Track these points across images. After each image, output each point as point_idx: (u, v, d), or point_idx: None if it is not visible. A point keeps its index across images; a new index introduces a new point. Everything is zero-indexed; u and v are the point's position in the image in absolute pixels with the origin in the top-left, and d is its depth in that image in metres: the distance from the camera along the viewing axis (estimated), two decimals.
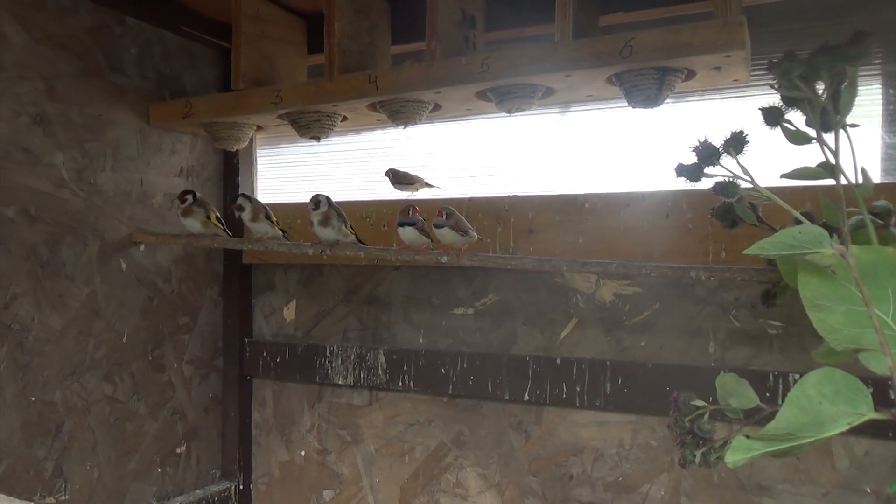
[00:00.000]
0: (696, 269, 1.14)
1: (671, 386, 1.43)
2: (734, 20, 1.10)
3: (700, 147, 0.74)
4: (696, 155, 0.75)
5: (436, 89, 1.36)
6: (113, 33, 1.59)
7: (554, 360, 1.53)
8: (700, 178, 0.75)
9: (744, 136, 0.74)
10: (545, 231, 1.54)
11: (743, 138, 0.73)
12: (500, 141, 1.67)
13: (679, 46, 1.13)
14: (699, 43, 1.12)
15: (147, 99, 1.67)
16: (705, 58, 1.14)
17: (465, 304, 1.67)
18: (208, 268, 1.87)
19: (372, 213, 1.72)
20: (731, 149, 0.73)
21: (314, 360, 1.81)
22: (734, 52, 1.11)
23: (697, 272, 1.13)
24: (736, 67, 1.20)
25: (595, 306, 1.53)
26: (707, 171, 0.75)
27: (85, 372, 1.55)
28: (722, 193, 0.77)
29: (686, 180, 0.76)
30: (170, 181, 1.74)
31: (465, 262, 1.36)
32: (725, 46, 1.10)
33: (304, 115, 1.54)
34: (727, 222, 0.95)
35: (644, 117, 1.50)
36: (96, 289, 1.57)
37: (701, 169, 0.74)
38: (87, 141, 1.54)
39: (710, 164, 0.74)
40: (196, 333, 1.83)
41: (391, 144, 1.80)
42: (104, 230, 1.58)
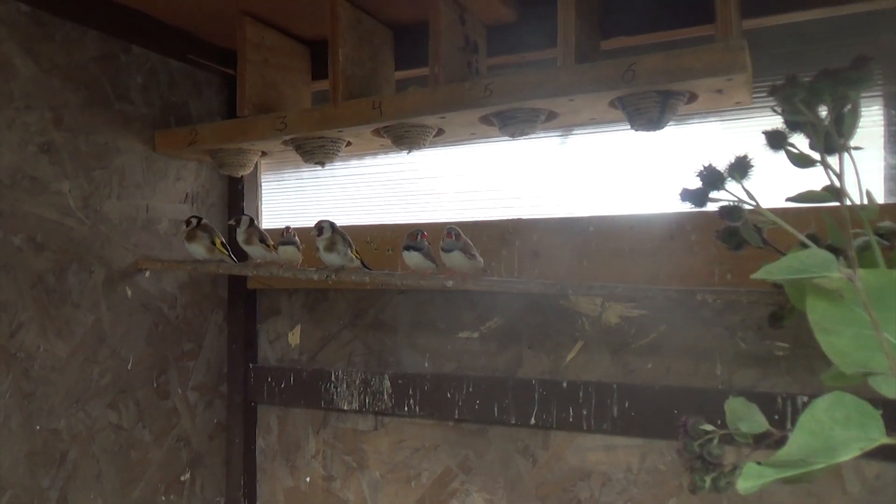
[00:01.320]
0: (702, 291, 1.14)
1: (679, 408, 1.42)
2: (735, 44, 1.12)
3: (704, 172, 0.74)
4: (700, 180, 0.75)
5: (439, 114, 1.37)
6: (119, 62, 1.61)
7: (560, 384, 1.52)
8: (705, 204, 0.76)
9: (748, 160, 0.74)
10: (550, 254, 1.54)
11: (747, 163, 0.74)
12: (504, 165, 1.68)
13: (681, 70, 1.14)
14: (701, 66, 1.13)
15: (153, 126, 1.69)
16: (707, 81, 1.15)
17: (471, 328, 1.67)
18: (213, 293, 1.88)
19: (376, 238, 1.73)
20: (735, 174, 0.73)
21: (319, 386, 1.81)
22: (736, 75, 1.12)
23: (704, 295, 1.13)
24: (738, 90, 1.21)
25: (601, 329, 1.53)
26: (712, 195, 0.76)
27: (90, 400, 1.54)
28: (727, 218, 0.77)
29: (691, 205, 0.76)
30: (175, 207, 1.75)
31: (470, 285, 1.36)
32: (727, 70, 1.11)
33: (308, 141, 1.55)
34: (732, 245, 0.96)
35: (646, 140, 1.51)
36: (102, 316, 1.57)
37: (706, 194, 0.74)
38: (93, 169, 1.55)
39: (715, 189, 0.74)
40: (201, 359, 1.83)
41: (395, 169, 1.81)
42: (110, 257, 1.59)
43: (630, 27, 1.43)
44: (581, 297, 1.54)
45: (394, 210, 1.80)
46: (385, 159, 1.82)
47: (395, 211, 1.80)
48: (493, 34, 1.56)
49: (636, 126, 1.26)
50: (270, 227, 1.96)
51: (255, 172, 1.92)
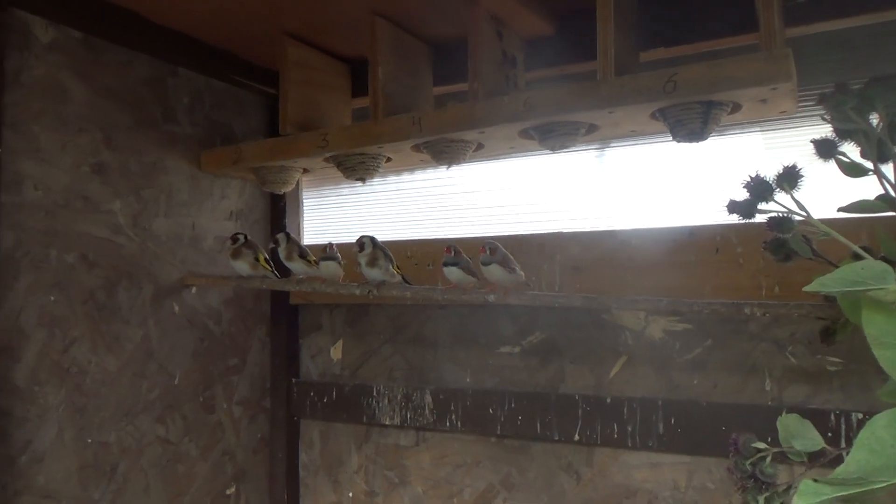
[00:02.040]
0: (750, 305, 1.11)
1: (727, 425, 1.38)
2: (780, 52, 1.10)
3: (752, 183, 0.73)
4: (748, 191, 0.74)
5: (479, 129, 1.38)
6: (166, 84, 1.66)
7: (604, 399, 1.50)
8: (754, 215, 0.75)
9: (797, 170, 0.73)
10: (591, 268, 1.53)
11: (797, 173, 0.73)
12: (544, 178, 1.68)
13: (724, 80, 1.13)
14: (745, 76, 1.11)
15: (198, 146, 1.73)
16: (751, 90, 1.13)
17: (512, 343, 1.66)
18: (257, 309, 1.91)
19: (417, 252, 1.74)
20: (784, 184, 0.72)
21: (361, 401, 1.82)
22: (781, 84, 1.10)
23: (752, 308, 1.11)
24: (783, 99, 1.19)
25: (645, 344, 1.51)
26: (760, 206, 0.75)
27: (139, 413, 1.58)
28: (777, 229, 0.76)
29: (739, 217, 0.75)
30: (220, 224, 1.79)
31: (511, 300, 1.36)
32: (772, 79, 1.10)
33: (349, 158, 1.58)
34: (781, 256, 0.94)
35: (687, 152, 1.49)
36: (150, 331, 1.61)
37: (754, 205, 0.73)
38: (142, 188, 1.60)
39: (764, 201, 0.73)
40: (245, 374, 1.86)
41: (435, 184, 1.82)
42: (158, 274, 1.63)
43: (670, 38, 1.42)
44: (624, 311, 1.52)
45: (434, 225, 1.81)
46: (425, 175, 1.84)
47: (435, 226, 1.81)
48: (532, 48, 1.57)
49: (678, 137, 1.25)
50: (312, 243, 1.99)
51: (296, 189, 1.95)
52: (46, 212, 1.42)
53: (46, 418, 1.40)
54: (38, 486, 1.38)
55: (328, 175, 1.92)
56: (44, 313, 1.41)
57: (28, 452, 1.37)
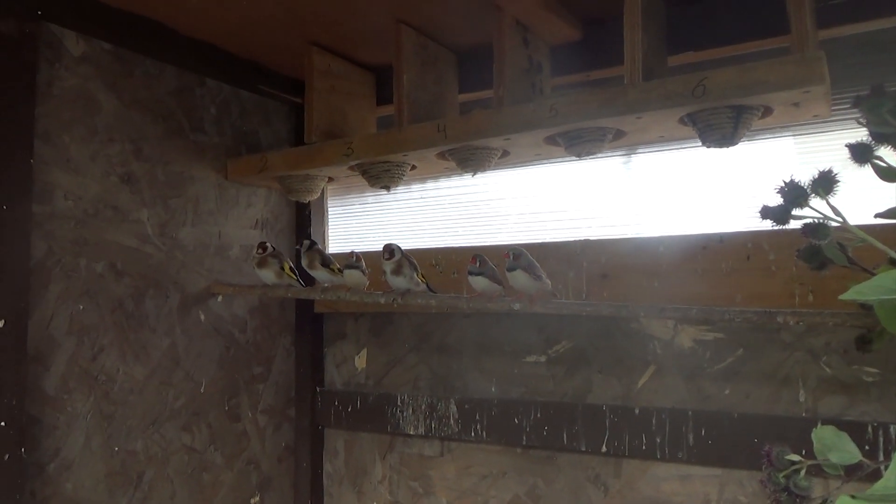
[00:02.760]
0: (783, 313, 1.09)
1: (759, 437, 1.36)
2: (812, 55, 1.08)
3: (786, 188, 0.72)
4: (781, 196, 0.73)
5: (504, 136, 1.38)
6: (194, 94, 1.69)
7: (632, 410, 1.49)
8: (787, 221, 0.74)
9: (833, 175, 0.72)
10: (619, 275, 1.52)
11: (833, 178, 0.71)
12: (571, 185, 1.67)
13: (755, 84, 1.12)
14: (776, 79, 1.10)
15: (225, 155, 1.76)
16: (783, 94, 1.12)
17: (538, 352, 1.65)
18: (282, 317, 1.92)
19: (441, 261, 1.74)
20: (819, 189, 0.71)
21: (385, 410, 1.82)
22: (814, 87, 1.08)
23: (785, 317, 1.09)
24: (816, 103, 1.17)
25: (674, 353, 1.49)
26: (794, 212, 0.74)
27: (165, 422, 1.60)
28: (812, 236, 0.75)
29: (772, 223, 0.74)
30: (246, 233, 1.81)
31: (537, 308, 1.35)
32: (804, 82, 1.08)
33: (374, 166, 1.59)
34: (815, 264, 0.92)
35: (717, 157, 1.48)
36: (176, 340, 1.63)
37: (788, 211, 0.72)
38: (169, 197, 1.63)
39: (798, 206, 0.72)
40: (270, 383, 1.88)
41: (460, 192, 1.83)
42: (184, 282, 1.65)
43: (699, 42, 1.41)
44: (653, 319, 1.51)
45: (459, 233, 1.81)
46: (450, 182, 1.84)
47: (460, 234, 1.81)
48: (558, 54, 1.56)
49: (708, 143, 1.23)
50: (336, 251, 2.01)
51: (321, 198, 1.97)
52: (77, 221, 1.45)
53: (75, 426, 1.43)
54: (65, 494, 1.41)
55: (353, 183, 1.94)
56: (73, 322, 1.44)
57: (57, 460, 1.40)
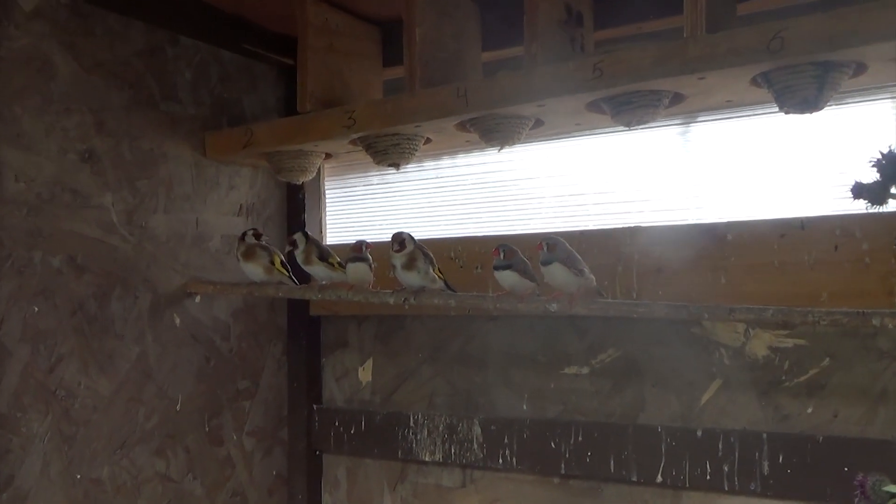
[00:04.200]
0: (879, 314, 1.08)
1: (850, 464, 1.35)
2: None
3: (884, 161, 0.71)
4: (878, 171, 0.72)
5: (538, 102, 1.37)
6: (166, 56, 1.70)
7: (694, 432, 1.48)
8: (885, 201, 0.73)
9: None
10: (678, 270, 1.51)
11: None
12: (618, 161, 1.66)
13: (845, 35, 1.10)
14: (872, 29, 1.08)
15: (203, 128, 1.77)
16: (880, 47, 1.10)
17: (579, 362, 1.65)
18: (271, 321, 1.94)
19: (462, 253, 1.74)
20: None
21: (395, 432, 1.83)
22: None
23: (882, 319, 1.08)
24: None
25: (744, 363, 1.48)
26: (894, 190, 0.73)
27: (135, 445, 1.62)
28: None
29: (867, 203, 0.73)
30: (228, 221, 1.83)
31: (579, 309, 1.35)
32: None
33: (381, 139, 1.58)
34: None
35: (797, 125, 1.46)
36: (148, 348, 1.65)
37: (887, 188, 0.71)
38: (138, 178, 1.64)
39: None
40: (258, 400, 1.89)
41: (484, 170, 1.82)
42: (156, 280, 1.67)
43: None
44: (719, 322, 1.50)
45: (483, 220, 1.81)
46: (471, 159, 1.84)
47: (484, 221, 1.81)
48: (602, 2, 1.55)
49: (787, 107, 1.22)
50: (335, 242, 2.02)
51: (317, 178, 1.98)
52: (30, 208, 1.46)
53: (30, 450, 1.45)
54: None
55: (355, 161, 1.94)
56: (27, 326, 1.45)
57: (10, 490, 1.42)
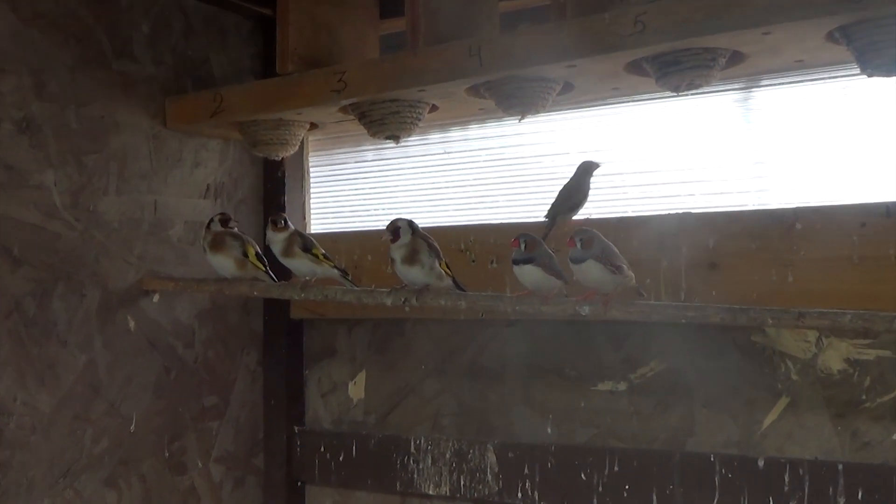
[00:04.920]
0: None
1: None
2: None
3: None
4: None
5: (567, 62, 1.36)
6: (119, 5, 1.70)
7: (754, 462, 1.48)
8: None
9: None
10: (735, 265, 1.50)
11: None
12: (662, 134, 1.65)
13: None
14: None
15: (163, 92, 1.76)
16: None
17: (615, 377, 1.64)
18: (244, 325, 1.93)
19: (474, 244, 1.73)
20: None
21: (393, 460, 1.82)
22: None
23: None
24: None
25: (816, 379, 1.48)
26: None
27: (81, 473, 1.61)
28: None
29: None
30: (193, 204, 1.82)
31: (615, 313, 1.34)
32: None
33: (377, 107, 1.57)
34: None
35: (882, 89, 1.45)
36: (96, 357, 1.64)
37: None
38: (85, 153, 1.63)
39: None
40: (228, 420, 1.89)
41: (501, 144, 1.81)
42: (106, 275, 1.66)
43: None
44: (785, 329, 1.49)
45: (500, 204, 1.81)
46: (486, 131, 1.83)
47: (501, 206, 1.80)
48: None
49: (870, 69, 1.21)
50: (321, 231, 2.01)
51: (300, 154, 1.97)
52: None
53: None
54: None
55: (346, 133, 1.93)
56: None
57: None
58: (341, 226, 2.01)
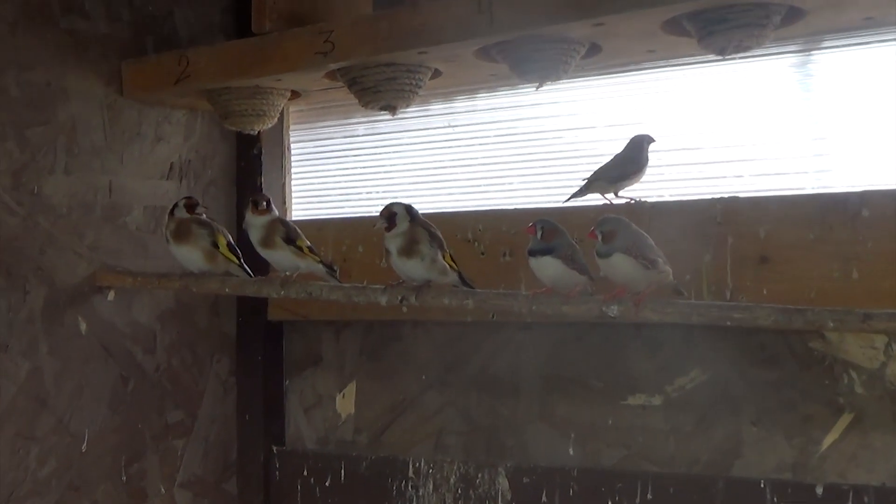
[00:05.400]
0: None
1: None
2: None
3: None
4: None
5: (594, 18, 1.34)
6: None
7: (811, 489, 1.46)
8: None
9: None
10: (790, 258, 1.48)
11: None
12: (704, 104, 1.64)
13: None
14: None
15: (119, 54, 1.74)
16: None
17: (649, 389, 1.63)
18: (214, 328, 1.92)
19: (484, 234, 1.72)
20: None
21: (388, 485, 1.81)
22: None
23: None
24: None
25: (885, 392, 1.46)
26: None
27: (24, 500, 1.59)
28: None
29: None
30: (153, 186, 1.80)
31: (648, 314, 1.32)
32: None
33: (370, 72, 1.56)
34: None
35: None
36: (41, 364, 1.63)
37: None
38: (28, 125, 1.62)
39: None
40: (195, 438, 1.88)
41: (514, 116, 1.80)
42: (53, 268, 1.65)
43: None
44: (849, 333, 1.48)
45: (514, 186, 1.80)
46: (498, 100, 1.82)
47: (516, 188, 1.80)
48: None
49: None
50: (303, 218, 2.00)
51: (279, 128, 1.97)
52: None
53: None
54: None
55: (333, 103, 1.93)
56: None
57: None
58: (327, 212, 2.00)
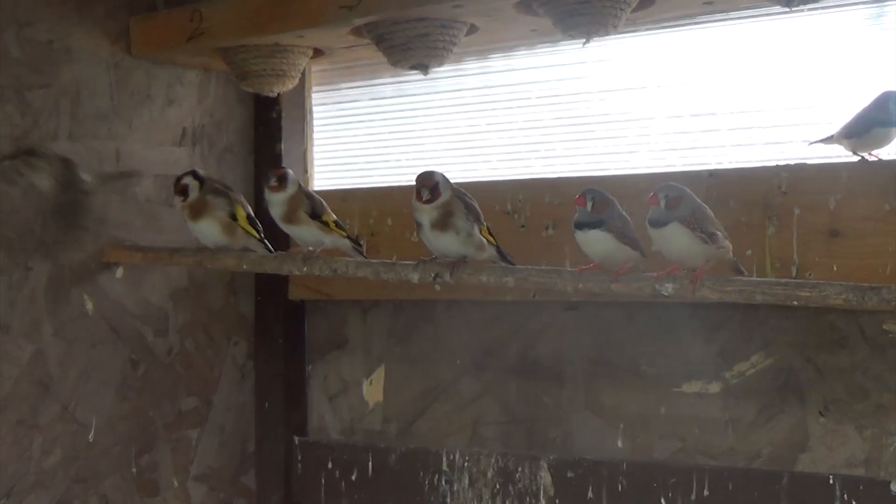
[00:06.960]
0: None
1: None
2: None
3: None
4: None
5: None
6: None
7: (885, 485, 1.46)
8: None
9: None
10: (863, 231, 1.48)
11: None
12: (767, 61, 1.64)
13: None
14: None
15: (126, 9, 1.75)
16: None
17: (706, 375, 1.64)
18: (230, 308, 1.94)
19: (524, 205, 1.72)
20: None
21: (420, 479, 1.82)
22: None
23: None
24: None
25: None
26: None
27: (27, 493, 1.62)
28: None
29: None
30: (164, 153, 1.82)
31: (706, 293, 1.32)
32: None
33: (399, 28, 1.57)
34: None
35: None
36: (45, 347, 1.65)
37: None
38: (29, 87, 1.63)
39: None
40: (210, 427, 1.90)
41: (557, 76, 1.80)
42: (57, 243, 1.67)
43: None
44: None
45: (557, 153, 1.80)
46: (539, 59, 1.82)
47: (559, 155, 1.80)
48: None
49: None
50: (327, 187, 2.01)
51: (300, 89, 1.97)
52: None
53: None
54: None
55: (359, 62, 1.93)
56: None
57: None
58: (352, 181, 2.01)
